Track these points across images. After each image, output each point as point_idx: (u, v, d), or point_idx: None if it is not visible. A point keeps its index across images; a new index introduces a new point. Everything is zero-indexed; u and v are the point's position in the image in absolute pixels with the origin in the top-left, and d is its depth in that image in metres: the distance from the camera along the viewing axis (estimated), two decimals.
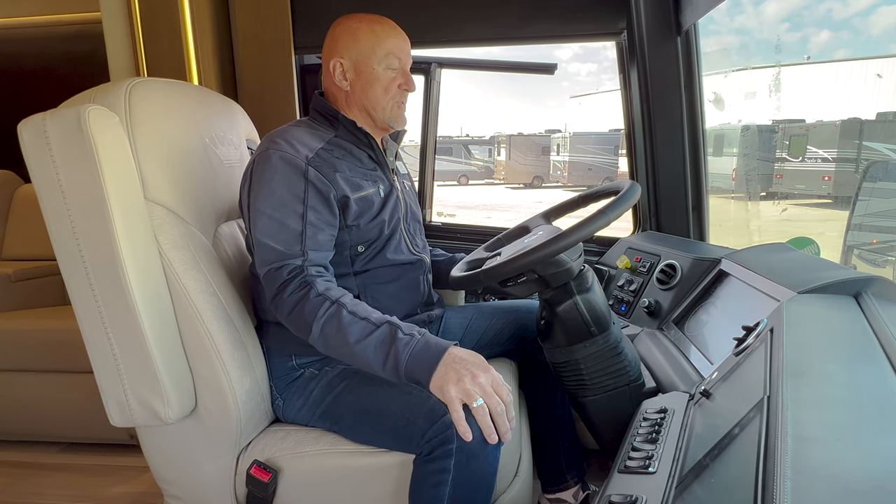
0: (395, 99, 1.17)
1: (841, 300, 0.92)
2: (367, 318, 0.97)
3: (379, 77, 1.14)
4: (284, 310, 0.99)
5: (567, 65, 64.03)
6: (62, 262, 0.95)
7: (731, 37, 18.56)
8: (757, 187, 8.01)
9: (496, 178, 19.00)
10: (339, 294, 0.99)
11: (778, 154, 8.34)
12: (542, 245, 0.99)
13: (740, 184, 7.55)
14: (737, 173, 7.55)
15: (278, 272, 1.00)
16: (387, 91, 1.15)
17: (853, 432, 0.50)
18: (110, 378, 0.99)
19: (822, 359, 0.68)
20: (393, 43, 1.14)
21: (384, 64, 1.13)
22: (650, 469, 0.77)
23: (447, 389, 0.89)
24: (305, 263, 1.00)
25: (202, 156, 1.15)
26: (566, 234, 0.99)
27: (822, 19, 50.64)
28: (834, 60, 14.20)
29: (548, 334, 1.10)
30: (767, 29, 16.82)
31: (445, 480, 0.89)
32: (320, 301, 0.97)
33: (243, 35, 1.73)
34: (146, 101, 1.04)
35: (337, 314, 0.96)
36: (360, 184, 1.11)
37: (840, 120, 8.08)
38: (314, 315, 0.96)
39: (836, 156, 7.81)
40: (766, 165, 8.20)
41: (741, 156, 7.63)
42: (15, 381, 1.88)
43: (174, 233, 1.03)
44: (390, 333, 0.95)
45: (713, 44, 2.12)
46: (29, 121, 0.91)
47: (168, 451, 1.08)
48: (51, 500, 1.61)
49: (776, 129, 8.47)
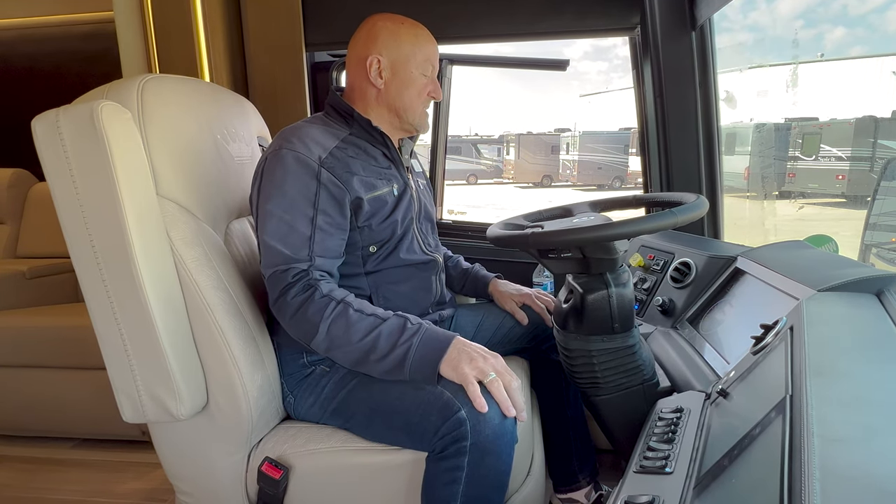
0: (425, 104, 1.20)
1: (863, 298, 0.90)
2: (374, 314, 0.98)
3: (415, 81, 1.16)
4: (288, 312, 0.99)
5: (577, 63, 63.89)
6: (75, 257, 0.95)
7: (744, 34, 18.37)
8: (770, 186, 7.92)
9: (505, 177, 18.97)
10: (343, 294, 1.00)
11: (791, 152, 8.23)
12: (601, 226, 0.97)
13: (753, 182, 7.46)
14: (749, 172, 7.47)
15: (283, 275, 0.99)
16: (419, 95, 1.17)
17: (881, 433, 0.48)
18: (122, 374, 0.99)
19: (845, 358, 0.67)
20: (431, 50, 1.18)
21: (421, 69, 1.16)
22: (667, 469, 0.76)
23: (461, 368, 0.92)
24: (311, 268, 1.00)
25: (214, 152, 1.15)
26: (629, 223, 0.97)
27: (837, 16, 49.96)
28: (848, 58, 14.01)
29: (568, 319, 1.08)
30: (781, 26, 16.61)
31: (459, 478, 0.88)
32: (326, 301, 0.97)
33: (255, 33, 1.74)
34: (159, 97, 1.04)
35: (344, 313, 0.96)
36: (374, 183, 1.10)
37: (854, 118, 7.97)
38: (320, 315, 0.96)
39: (850, 154, 7.69)
40: (778, 164, 8.11)
41: (754, 154, 7.55)
42: (30, 377, 1.89)
43: (186, 229, 1.03)
44: (399, 324, 0.97)
45: (725, 41, 2.07)
46: (42, 116, 0.91)
47: (180, 447, 1.08)
48: (64, 495, 1.63)
49: (789, 127, 8.36)
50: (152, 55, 1.66)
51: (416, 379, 0.96)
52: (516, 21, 1.68)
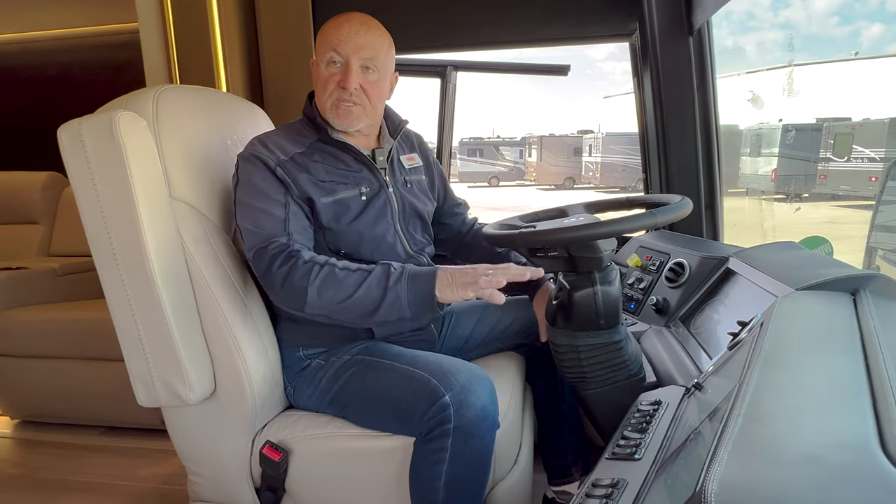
0: (334, 97, 1.11)
1: (836, 297, 0.92)
2: (359, 269, 1.03)
3: (321, 75, 1.12)
4: (276, 283, 1.02)
5: (602, 63, 63.28)
6: (95, 254, 1.04)
7: (775, 32, 17.89)
8: (799, 188, 7.75)
9: (527, 179, 18.91)
10: (325, 258, 1.05)
11: (822, 154, 8.03)
12: (583, 226, 1.02)
13: (781, 185, 7.31)
14: (777, 174, 7.32)
15: (264, 250, 1.04)
16: (325, 90, 1.11)
17: (805, 413, 0.52)
18: (138, 361, 1.07)
19: (796, 350, 0.70)
20: (332, 37, 1.08)
21: (325, 62, 1.11)
22: (636, 456, 0.80)
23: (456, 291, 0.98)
24: (290, 241, 1.05)
25: (224, 157, 1.23)
26: (609, 223, 1.02)
27: (874, 12, 48.32)
28: (884, 56, 13.55)
29: (557, 315, 1.12)
30: (816, 23, 16.17)
31: (443, 459, 0.94)
32: (310, 266, 1.02)
33: (268, 45, 1.82)
34: (173, 106, 1.12)
35: (331, 273, 1.01)
36: (335, 188, 1.12)
37: (889, 118, 7.73)
38: (307, 280, 1.00)
39: (883, 155, 7.47)
40: (809, 165, 7.92)
41: (782, 156, 7.39)
42: (60, 367, 2.02)
43: (196, 228, 1.11)
44: (384, 271, 1.01)
45: (751, 40, 2.03)
46: (67, 125, 1.00)
47: (190, 431, 1.16)
48: (91, 478, 1.74)
49: (820, 127, 8.16)
50: (173, 64, 1.77)
51: (418, 315, 1.01)
52: (518, 28, 1.72)
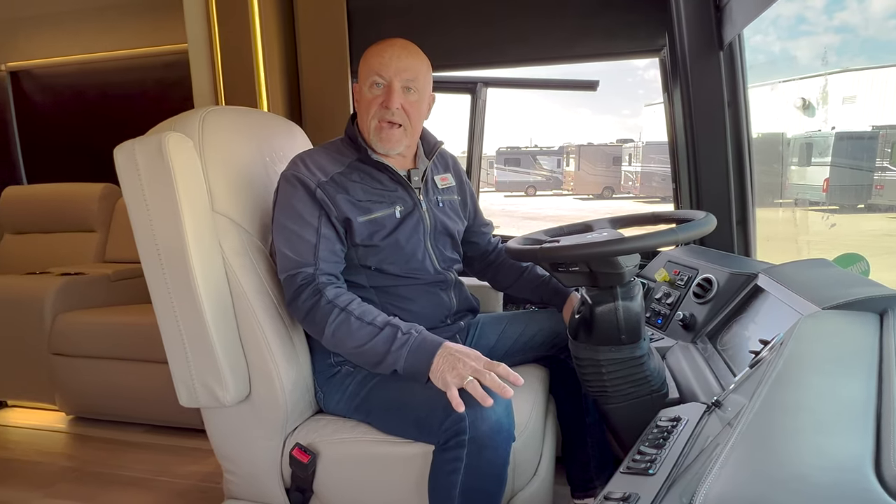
0: (375, 119, 1.17)
1: (862, 317, 0.91)
2: (372, 323, 1.08)
3: (363, 98, 1.19)
4: (300, 314, 1.13)
5: (644, 72, 62.26)
6: (144, 263, 1.13)
7: (829, 36, 17.23)
8: (853, 199, 7.43)
9: (565, 188, 18.75)
10: (347, 301, 1.10)
11: (878, 163, 7.68)
12: (604, 242, 1.04)
13: (833, 195, 7.03)
14: (829, 184, 7.04)
15: (293, 279, 1.13)
16: (367, 112, 1.18)
17: (800, 432, 0.53)
18: (180, 364, 1.15)
19: (809, 370, 0.70)
20: (375, 63, 1.16)
21: (367, 85, 1.18)
22: (650, 471, 0.81)
23: (444, 378, 1.00)
24: (317, 272, 1.12)
25: (262, 173, 1.31)
26: (630, 240, 1.03)
27: None
28: None
29: (579, 329, 1.14)
30: (874, 26, 15.48)
31: (458, 468, 0.97)
32: (330, 308, 1.09)
33: (307, 66, 1.91)
34: (217, 126, 1.21)
35: (346, 321, 1.08)
36: (371, 207, 1.19)
37: None
38: (325, 321, 1.09)
39: None
40: (864, 175, 7.58)
41: (835, 165, 7.10)
42: (110, 367, 2.16)
43: (236, 240, 1.18)
44: (391, 335, 1.06)
45: (803, 45, 1.98)
46: (122, 146, 1.10)
47: (226, 431, 1.23)
48: (134, 472, 1.84)
49: (876, 135, 7.81)
50: (219, 84, 1.88)
51: (411, 381, 1.07)
52: (547, 46, 1.76)
